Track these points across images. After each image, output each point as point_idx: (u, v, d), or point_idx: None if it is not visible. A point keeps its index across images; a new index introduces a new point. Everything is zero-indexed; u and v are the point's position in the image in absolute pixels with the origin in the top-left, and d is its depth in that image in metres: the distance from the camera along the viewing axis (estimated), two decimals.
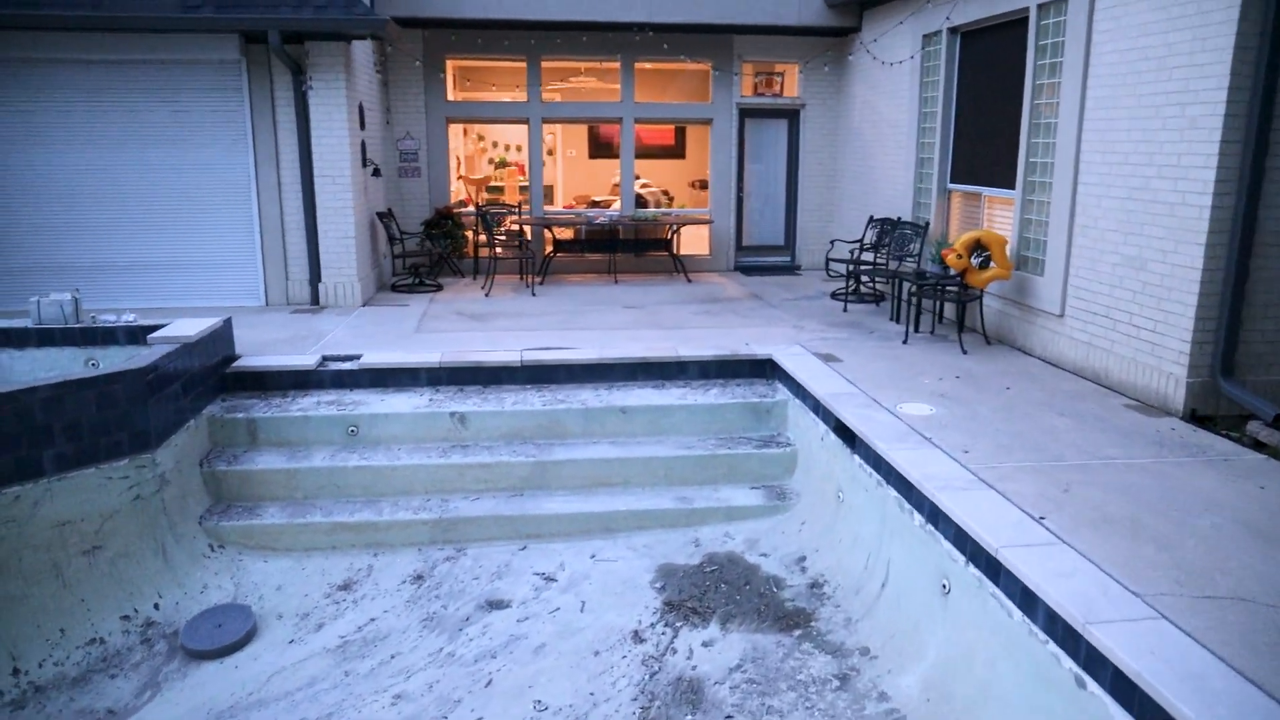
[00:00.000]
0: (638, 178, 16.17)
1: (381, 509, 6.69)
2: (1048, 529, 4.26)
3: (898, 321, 9.15)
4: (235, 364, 7.37)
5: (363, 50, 10.07)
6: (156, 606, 6.01)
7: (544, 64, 11.93)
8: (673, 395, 7.41)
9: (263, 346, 8.04)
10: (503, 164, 18.82)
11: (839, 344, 8.19)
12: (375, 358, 7.58)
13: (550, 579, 6.22)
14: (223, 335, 7.26)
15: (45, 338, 7.14)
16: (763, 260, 12.85)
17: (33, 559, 5.60)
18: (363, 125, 10.20)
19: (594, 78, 13.44)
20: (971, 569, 4.34)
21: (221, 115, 9.57)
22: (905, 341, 8.22)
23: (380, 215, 10.75)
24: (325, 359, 7.67)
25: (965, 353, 7.85)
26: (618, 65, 12.03)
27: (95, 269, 9.73)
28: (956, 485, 4.78)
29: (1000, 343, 8.23)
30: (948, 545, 4.60)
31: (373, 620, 5.88)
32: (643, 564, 6.33)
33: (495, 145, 19.25)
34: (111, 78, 9.37)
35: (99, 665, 5.61)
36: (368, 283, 10.31)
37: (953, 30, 9.07)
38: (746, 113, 12.38)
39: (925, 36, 9.55)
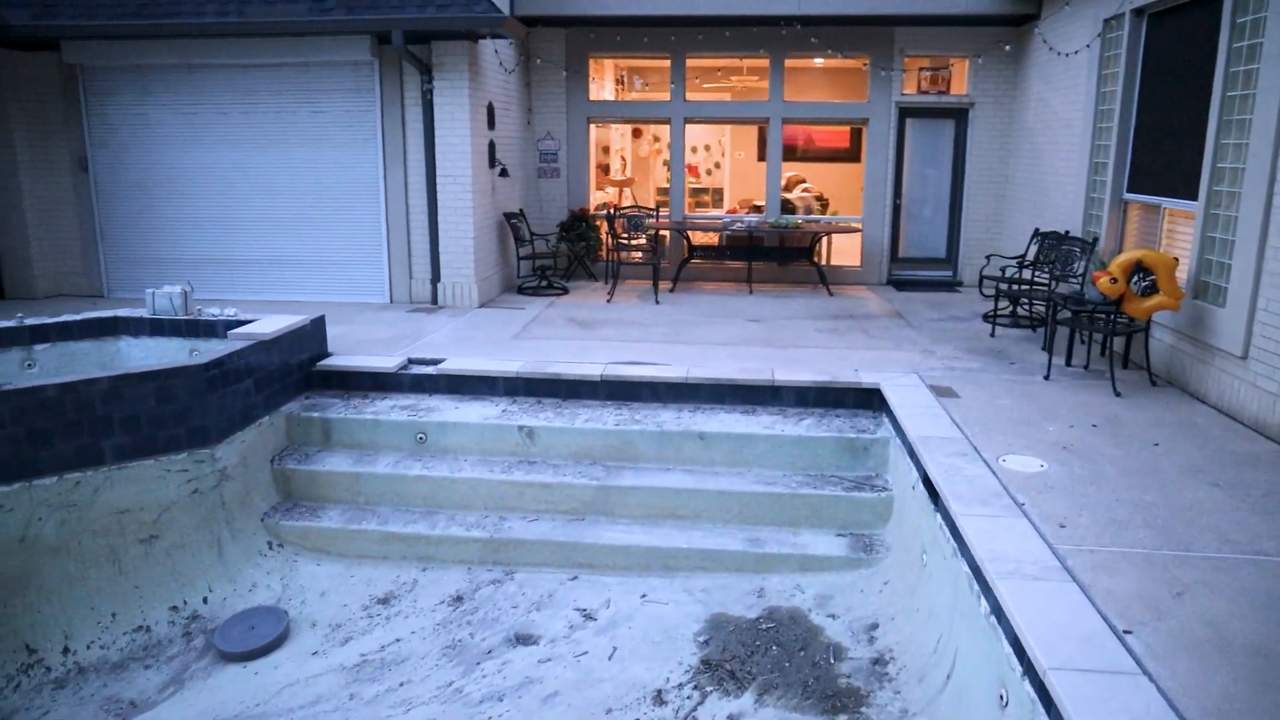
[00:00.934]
0: (801, 181, 15.30)
1: (436, 522, 6.45)
2: (1129, 649, 3.25)
3: (1050, 352, 7.88)
4: (322, 362, 7.40)
5: (491, 50, 9.98)
6: (205, 600, 6.06)
7: (689, 62, 11.41)
8: (760, 423, 6.67)
9: (361, 345, 8.07)
10: None
11: (966, 375, 7.11)
12: (457, 363, 7.38)
13: (590, 617, 5.71)
14: (309, 334, 7.31)
15: (157, 328, 7.49)
16: (919, 274, 11.66)
17: (92, 543, 5.78)
18: (491, 125, 10.11)
19: (755, 76, 12.75)
20: (1026, 685, 3.41)
21: (355, 115, 9.80)
22: (1047, 376, 7.01)
23: (509, 216, 10.66)
24: (410, 361, 7.56)
25: (1118, 395, 6.55)
26: (765, 62, 11.30)
27: (243, 263, 10.26)
28: (1028, 571, 3.81)
29: (1170, 384, 6.83)
30: (1007, 648, 3.66)
31: (398, 641, 5.62)
32: (694, 611, 5.68)
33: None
34: (260, 81, 9.82)
35: (139, 653, 5.70)
36: (490, 284, 10.23)
37: (1136, 12, 7.66)
38: (907, 112, 11.26)
39: (1106, 21, 8.15)
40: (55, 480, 5.59)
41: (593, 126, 12.11)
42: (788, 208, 12.53)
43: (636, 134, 17.27)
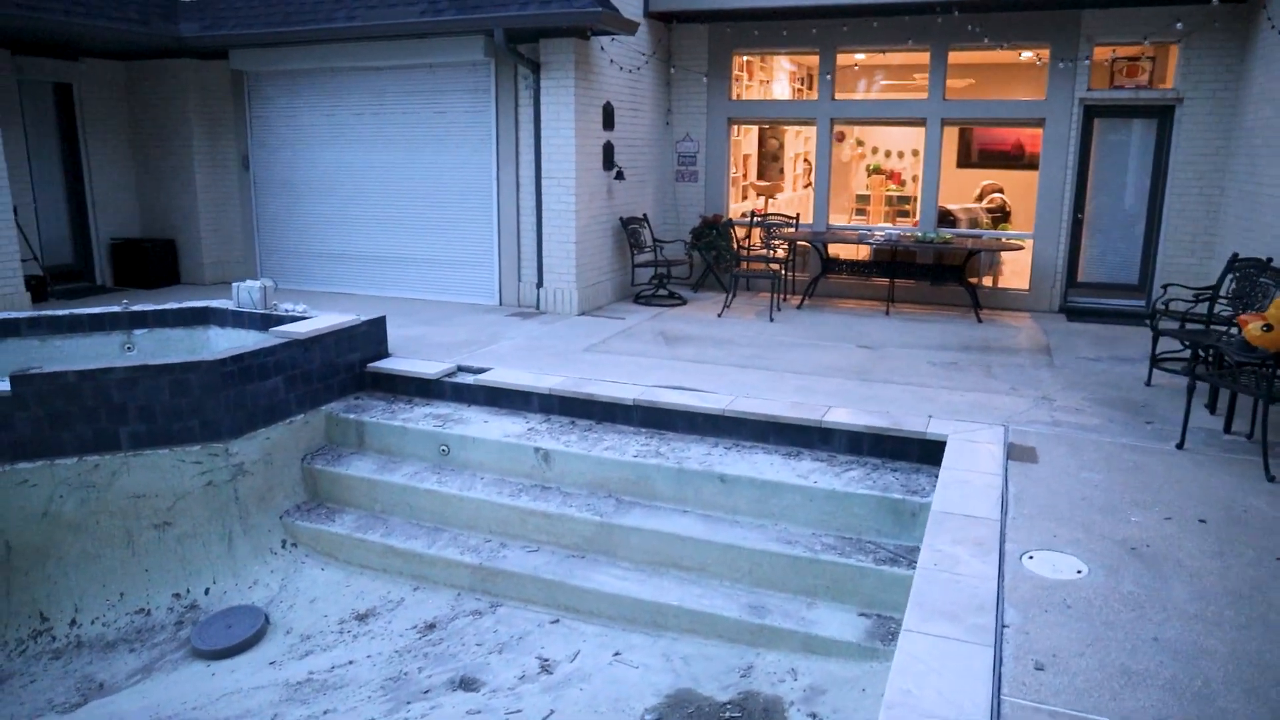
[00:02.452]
0: (996, 190, 13.55)
1: (436, 540, 6.13)
2: None
3: (1214, 411, 6.19)
4: (373, 364, 7.35)
5: (601, 46, 9.55)
6: (207, 591, 6.14)
7: (839, 58, 10.34)
8: (797, 469, 5.74)
9: (430, 348, 7.95)
10: (876, 170, 17.18)
11: (1071, 434, 5.71)
12: (498, 375, 7.03)
13: (548, 669, 5.13)
14: (361, 334, 7.27)
15: (238, 319, 7.80)
16: (1103, 303, 9.81)
17: (109, 524, 6.02)
18: (609, 125, 9.70)
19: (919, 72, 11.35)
20: None
21: (472, 116, 9.77)
22: (1181, 444, 5.45)
23: (629, 221, 10.20)
24: (459, 369, 7.32)
25: (1271, 479, 4.94)
26: (924, 56, 9.99)
27: (370, 259, 10.59)
28: None
29: None
30: None
31: (350, 664, 5.35)
32: (660, 683, 4.93)
33: (875, 151, 17.66)
34: (390, 82, 10.06)
35: (131, 635, 5.85)
36: (599, 290, 9.83)
37: None
38: (1095, 111, 9.48)
39: None
40: (75, 461, 5.87)
41: (736, 128, 11.37)
42: (947, 219, 11.06)
43: (839, 137, 16.22)
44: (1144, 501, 4.66)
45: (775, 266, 10.08)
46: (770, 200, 12.86)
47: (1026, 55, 10.30)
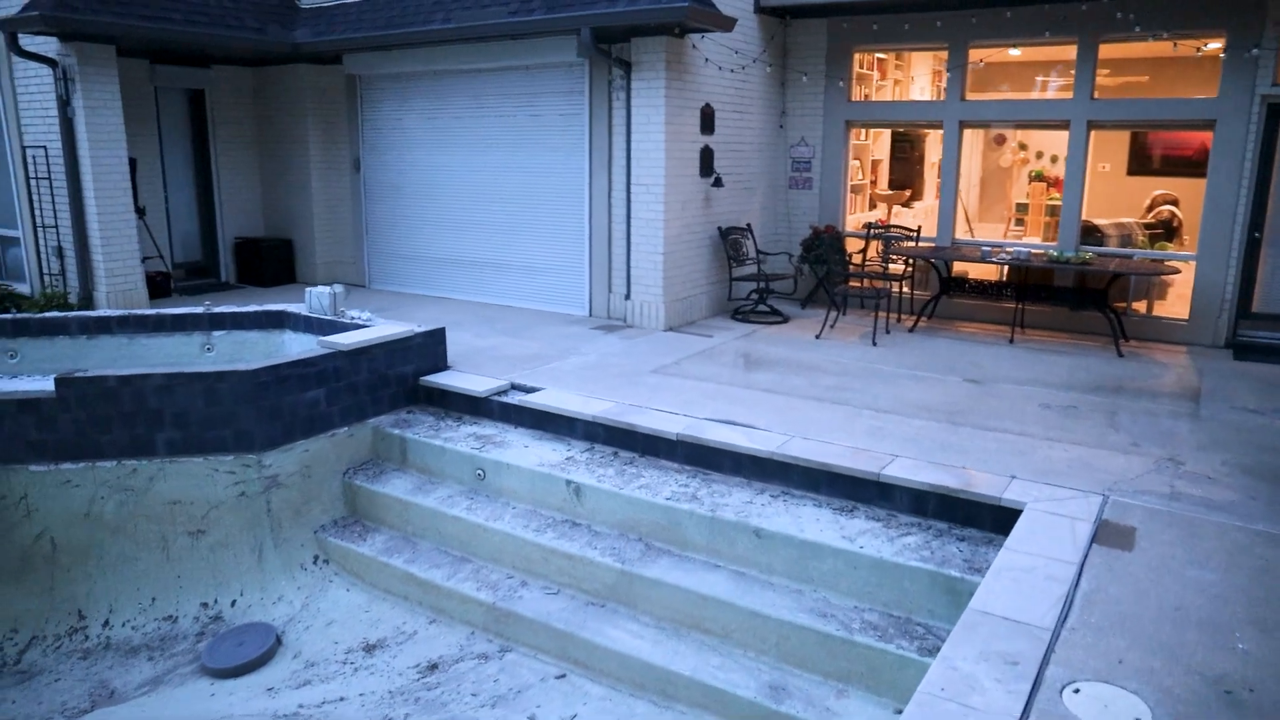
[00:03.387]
0: (1169, 201, 11.88)
1: (457, 572, 5.78)
2: None
3: None
4: (426, 377, 7.10)
5: (706, 43, 8.92)
6: (233, 603, 6.06)
7: (971, 52, 9.25)
8: (845, 529, 4.97)
9: (496, 361, 7.64)
10: (1038, 177, 15.65)
11: (1190, 512, 4.63)
12: (545, 397, 6.61)
13: None
14: (417, 346, 7.04)
15: (308, 325, 7.77)
16: None
17: (146, 528, 6.05)
18: (708, 129, 9.08)
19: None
20: None
21: (566, 119, 9.40)
22: None
23: (729, 231, 9.53)
24: (513, 387, 6.96)
25: None
26: (1070, 50, 8.73)
27: (467, 264, 10.46)
28: None
29: None
30: None
31: (341, 700, 5.07)
32: None
33: (1040, 156, 16.10)
34: (488, 85, 9.86)
35: (155, 642, 5.84)
36: (690, 305, 9.24)
37: None
38: None
39: None
40: (115, 464, 5.92)
41: (854, 131, 10.45)
42: (1094, 234, 9.68)
43: (999, 140, 14.84)
44: (1266, 621, 3.62)
45: (884, 283, 9.13)
46: (901, 210, 11.79)
47: (1185, 46, 8.84)
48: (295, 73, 11.09)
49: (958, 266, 9.65)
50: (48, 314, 7.71)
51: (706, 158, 9.14)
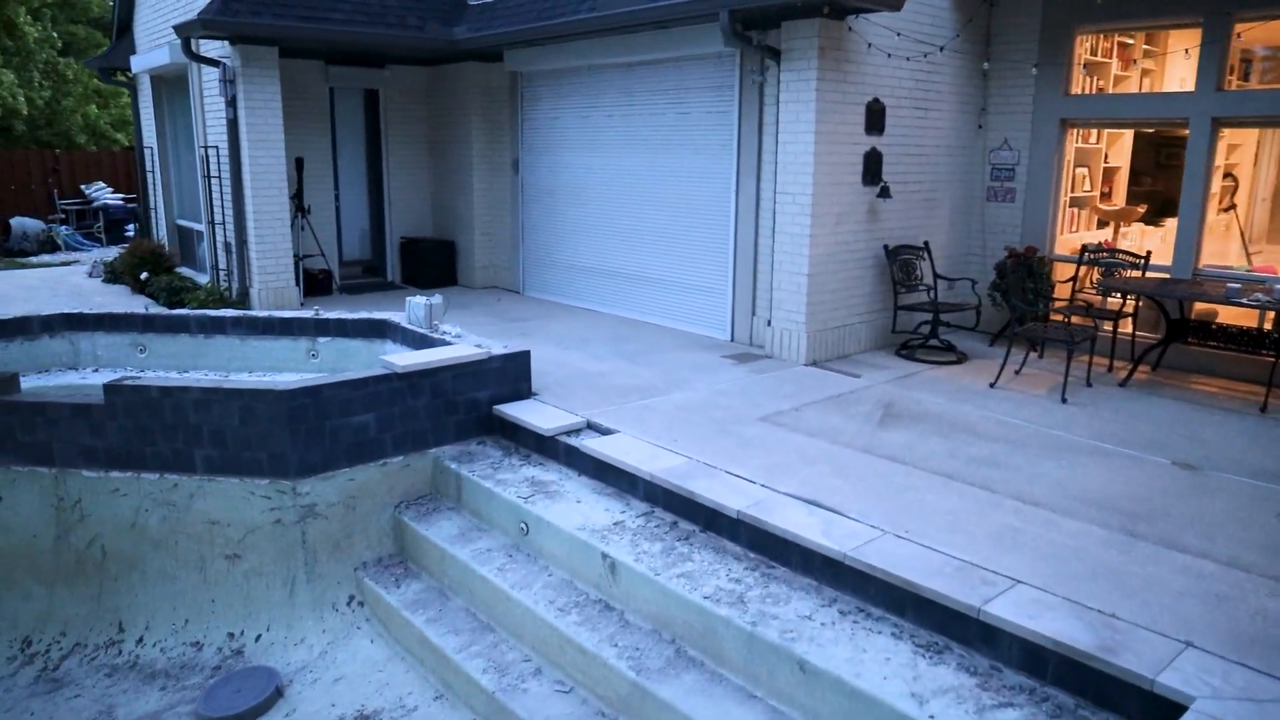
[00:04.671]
0: None
1: (474, 643, 4.96)
2: None
3: None
4: (500, 406, 6.35)
5: (870, 28, 7.46)
6: (258, 638, 5.63)
7: (1237, 28, 7.08)
8: (921, 682, 3.60)
9: (598, 390, 6.77)
10: None
11: None
12: (612, 444, 5.62)
13: None
14: (491, 370, 6.30)
15: (405, 337, 7.29)
16: None
17: (187, 546, 5.77)
18: (876, 129, 7.63)
19: None
20: None
21: (715, 117, 8.31)
22: None
23: (899, 250, 8.01)
24: (589, 426, 6.04)
25: None
26: None
27: (612, 275, 9.66)
28: None
29: None
30: None
31: None
32: None
33: None
34: (638, 80, 8.98)
35: (175, 668, 5.53)
36: (842, 335, 7.84)
37: None
38: None
39: None
40: (158, 478, 5.68)
41: (1076, 132, 8.47)
42: None
43: None
44: None
45: (1092, 321, 7.22)
46: (1147, 229, 9.49)
47: None
48: (462, 71, 10.85)
49: (1202, 305, 7.50)
50: (173, 311, 7.83)
51: (872, 163, 7.70)
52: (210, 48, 9.31)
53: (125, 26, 12.79)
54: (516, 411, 6.23)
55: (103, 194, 16.34)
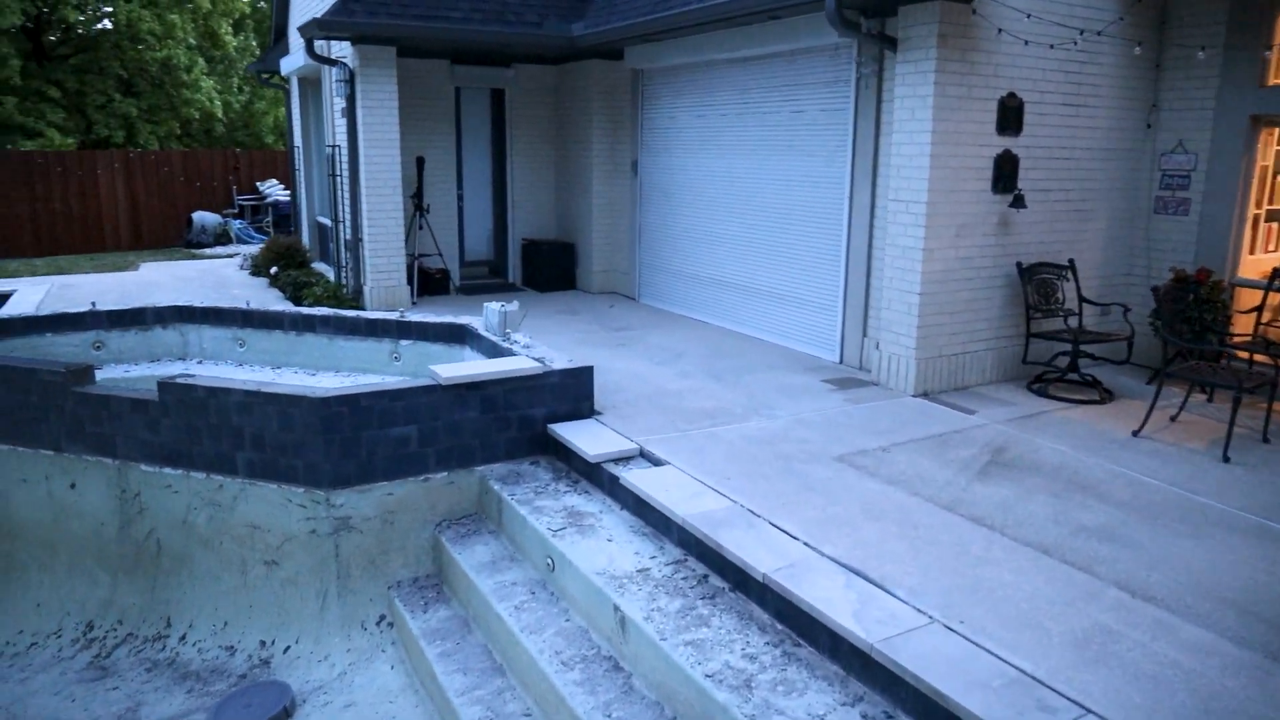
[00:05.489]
0: None
1: (476, 686, 4.57)
2: None
3: None
4: (555, 424, 5.91)
5: (1000, 11, 6.44)
6: (286, 649, 5.49)
7: None
8: None
9: (671, 411, 6.22)
10: None
11: None
12: (651, 478, 5.06)
13: None
14: (547, 386, 5.87)
15: (479, 344, 7.01)
16: None
17: (230, 548, 5.72)
18: (1012, 128, 6.60)
19: None
20: None
21: (829, 115, 7.51)
22: None
23: (1035, 268, 6.93)
24: (641, 453, 5.50)
25: None
26: None
27: (721, 285, 9.04)
28: None
29: None
30: None
31: None
32: None
33: None
34: (752, 76, 8.31)
35: (205, 671, 5.48)
36: (961, 363, 6.86)
37: None
38: None
39: None
40: (205, 477, 5.65)
41: (1269, 132, 7.03)
42: None
43: None
44: None
45: (1276, 361, 5.90)
46: None
47: None
48: (584, 70, 10.54)
49: None
50: (269, 309, 7.93)
51: (1004, 167, 6.68)
52: (335, 49, 9.46)
53: (281, 32, 13.42)
54: (568, 432, 5.77)
55: (275, 191, 17.36)
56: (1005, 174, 6.71)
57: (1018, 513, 4.67)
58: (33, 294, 9.85)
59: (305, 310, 7.85)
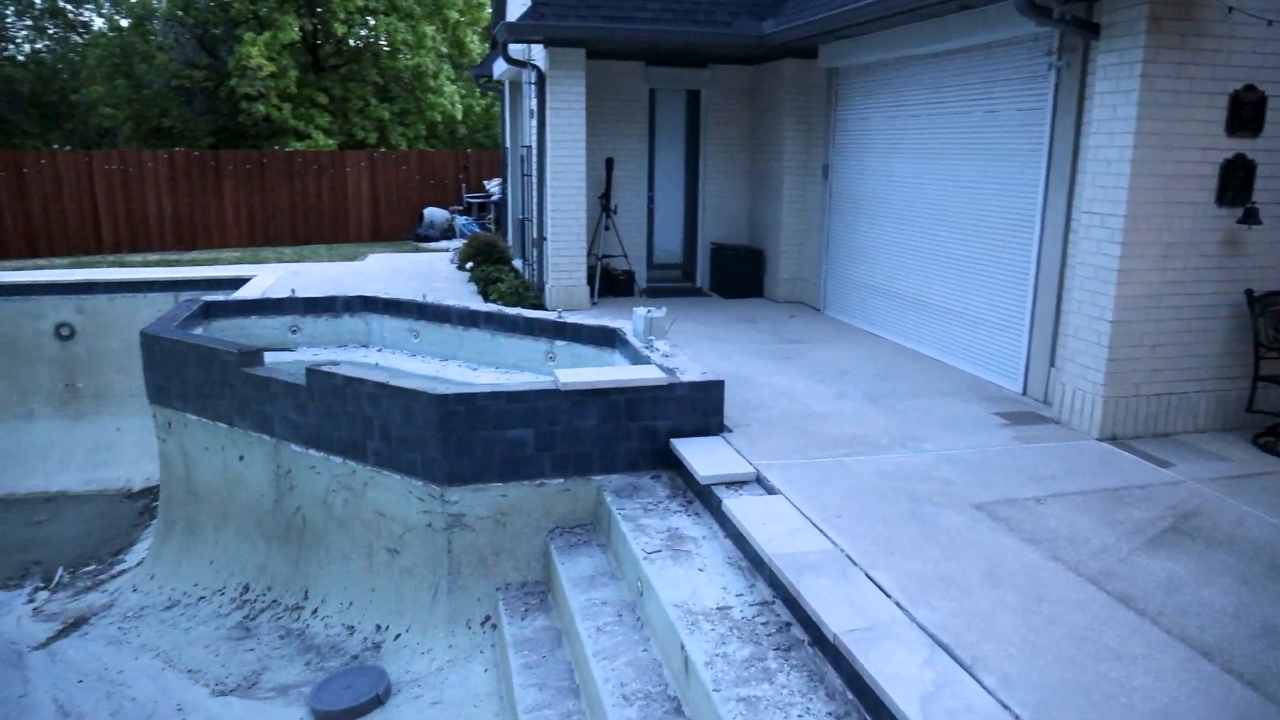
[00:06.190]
0: None
1: (546, 703, 4.44)
2: None
3: None
4: (678, 439, 5.63)
5: None
6: (397, 637, 5.65)
7: None
8: None
9: (805, 436, 5.78)
10: None
11: None
12: (753, 508, 4.67)
13: None
14: (673, 398, 5.60)
15: (625, 349, 6.85)
16: None
17: (360, 532, 5.98)
18: (1246, 129, 5.47)
19: None
20: None
21: (1025, 115, 6.62)
22: None
23: (1263, 298, 5.71)
24: (758, 479, 5.11)
25: None
26: None
27: (903, 300, 8.28)
28: None
29: None
30: None
31: None
32: None
33: None
34: (946, 73, 7.51)
35: (325, 647, 5.76)
36: (1166, 407, 5.78)
37: None
38: None
39: None
40: (341, 461, 5.93)
41: None
42: None
43: None
44: None
45: None
46: None
47: None
48: (779, 70, 10.12)
49: None
50: (439, 303, 8.25)
51: (1235, 176, 5.56)
52: (529, 52, 9.71)
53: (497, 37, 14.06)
54: (686, 448, 5.49)
55: (498, 189, 18.30)
56: (1236, 183, 5.59)
57: (1185, 597, 3.82)
58: (266, 279, 10.95)
59: (471, 307, 8.10)
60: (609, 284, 10.69)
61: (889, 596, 3.78)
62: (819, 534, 4.36)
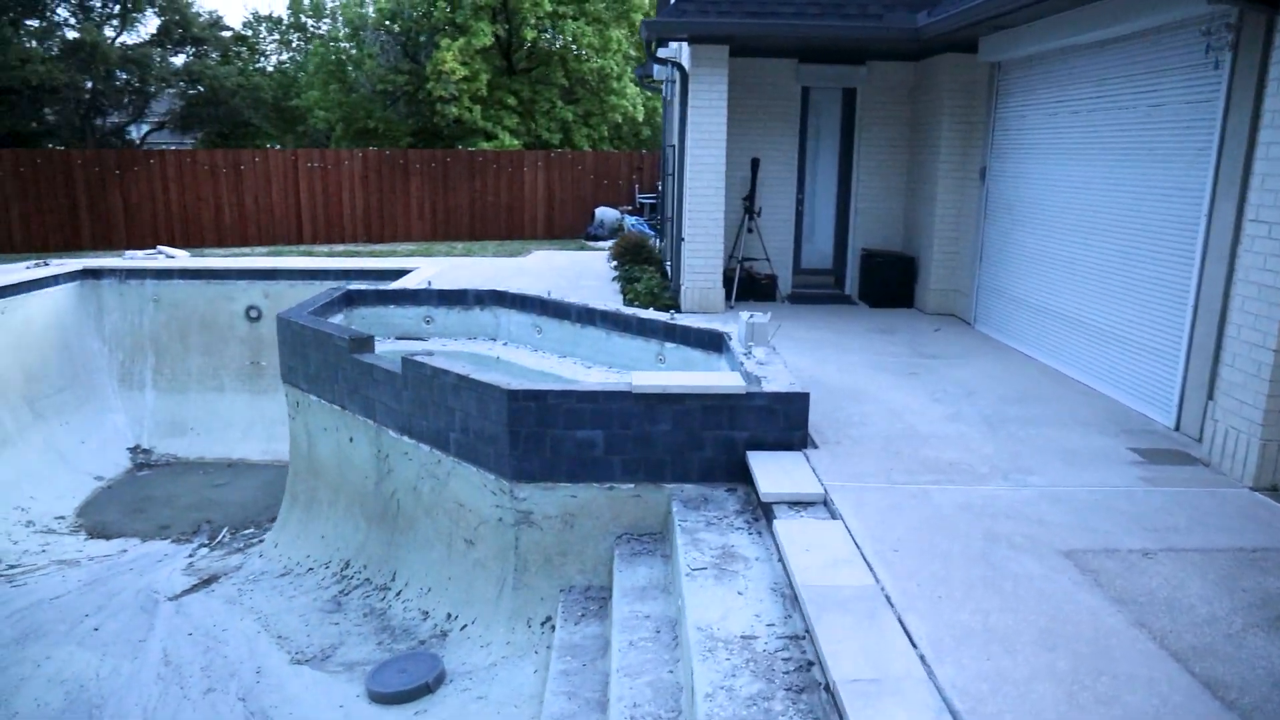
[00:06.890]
0: None
1: (571, 714, 4.29)
2: None
3: None
4: (754, 451, 5.32)
5: None
6: (464, 628, 5.73)
7: None
8: None
9: (897, 459, 5.33)
10: None
11: None
12: (807, 534, 4.33)
13: None
14: (750, 408, 5.31)
15: (730, 355, 6.58)
16: None
17: (441, 519, 6.13)
18: None
19: None
20: None
21: (1193, 110, 5.72)
22: None
23: None
24: (825, 501, 4.73)
25: None
26: None
27: (1050, 315, 7.45)
28: None
29: None
30: None
31: None
32: None
33: None
34: (1112, 64, 6.64)
35: (399, 630, 5.93)
36: None
37: None
38: None
39: None
40: (428, 450, 6.08)
41: None
42: None
43: None
44: None
45: None
46: None
47: None
48: (937, 65, 9.43)
49: None
50: (559, 300, 8.30)
51: None
52: (680, 51, 9.60)
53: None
54: (758, 462, 5.18)
55: None
56: None
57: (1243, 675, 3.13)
58: (426, 272, 11.53)
59: (589, 305, 8.10)
60: (749, 288, 10.40)
61: (915, 647, 3.35)
62: (864, 568, 3.96)
